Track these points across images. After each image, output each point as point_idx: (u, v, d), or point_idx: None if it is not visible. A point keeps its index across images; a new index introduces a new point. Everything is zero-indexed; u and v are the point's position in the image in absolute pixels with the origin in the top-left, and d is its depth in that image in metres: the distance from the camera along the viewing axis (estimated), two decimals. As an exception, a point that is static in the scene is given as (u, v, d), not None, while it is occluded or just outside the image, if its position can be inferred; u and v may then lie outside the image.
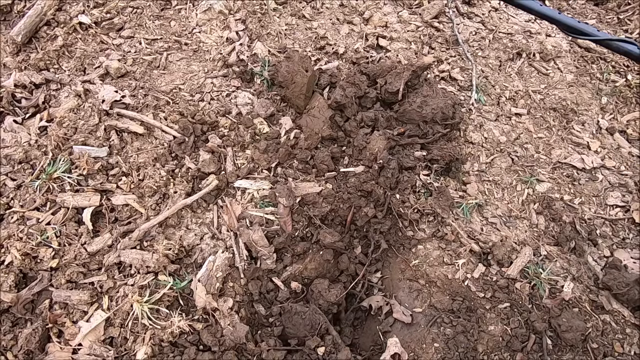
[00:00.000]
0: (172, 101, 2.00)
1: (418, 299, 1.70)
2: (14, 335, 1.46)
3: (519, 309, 1.66)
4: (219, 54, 2.17)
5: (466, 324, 1.62)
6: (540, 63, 2.46)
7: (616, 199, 1.98)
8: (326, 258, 1.74)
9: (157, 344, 1.48)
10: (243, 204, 1.79)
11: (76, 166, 1.75)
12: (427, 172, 1.94)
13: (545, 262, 1.79)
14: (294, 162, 1.92)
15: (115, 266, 1.61)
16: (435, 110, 1.99)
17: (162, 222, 1.69)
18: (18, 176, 1.75)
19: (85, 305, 1.52)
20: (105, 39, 2.19)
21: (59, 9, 2.24)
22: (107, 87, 1.95)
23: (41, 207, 1.69)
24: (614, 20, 2.71)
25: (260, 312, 1.65)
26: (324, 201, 1.78)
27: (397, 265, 1.79)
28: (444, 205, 1.85)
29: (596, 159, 2.09)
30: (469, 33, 2.51)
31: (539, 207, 1.94)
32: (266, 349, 1.51)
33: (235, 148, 1.93)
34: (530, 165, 2.06)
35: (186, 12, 2.34)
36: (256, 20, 2.32)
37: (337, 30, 2.41)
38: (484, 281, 1.72)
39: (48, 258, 1.58)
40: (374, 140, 1.89)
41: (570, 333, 1.59)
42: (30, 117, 1.92)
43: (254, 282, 1.67)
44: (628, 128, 2.23)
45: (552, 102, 2.29)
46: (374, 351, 1.68)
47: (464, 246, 1.79)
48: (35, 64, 2.06)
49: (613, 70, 2.47)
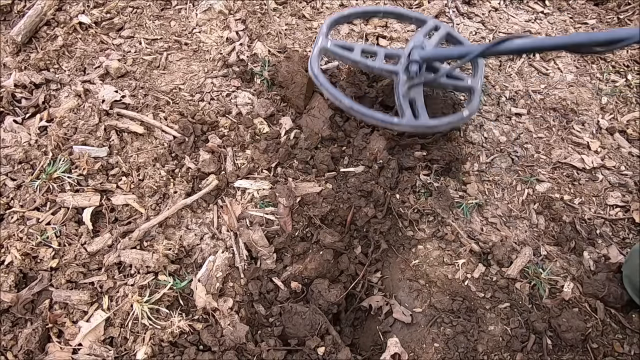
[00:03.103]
0: (172, 101, 2.00)
1: (418, 299, 1.70)
2: (14, 335, 1.46)
3: (519, 309, 1.66)
4: (219, 54, 2.17)
5: (466, 324, 1.62)
6: (540, 63, 2.46)
7: (616, 199, 1.98)
8: (326, 258, 1.74)
9: (157, 344, 1.48)
10: (243, 204, 1.79)
11: (76, 166, 1.76)
12: (427, 172, 1.94)
13: (545, 262, 1.79)
14: (294, 162, 1.92)
15: (115, 266, 1.61)
16: (435, 110, 1.99)
17: (162, 222, 1.69)
18: (18, 176, 1.75)
19: (85, 305, 1.52)
20: (105, 39, 2.19)
21: (59, 9, 2.24)
22: (107, 87, 1.95)
23: (41, 207, 1.69)
24: (614, 20, 2.71)
25: (260, 312, 1.65)
26: (324, 201, 1.78)
27: (397, 265, 1.79)
28: (444, 205, 1.85)
29: (596, 159, 2.09)
30: (469, 33, 2.51)
31: (539, 207, 1.94)
32: (266, 349, 1.51)
33: (235, 148, 1.93)
34: (530, 165, 2.06)
35: (186, 12, 2.34)
36: (256, 20, 2.32)
37: (337, 30, 2.41)
38: (484, 281, 1.72)
39: (48, 258, 1.58)
40: (374, 140, 1.90)
41: (570, 333, 1.59)
42: (30, 117, 1.92)
43: (254, 282, 1.67)
44: (628, 128, 2.23)
45: (552, 102, 2.29)
46: (374, 351, 1.67)
47: (464, 246, 1.79)
48: (35, 64, 2.06)
49: (613, 70, 2.47)
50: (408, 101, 1.54)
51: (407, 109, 1.51)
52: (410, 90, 1.53)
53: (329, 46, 1.65)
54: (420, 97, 1.56)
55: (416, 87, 1.54)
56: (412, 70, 1.48)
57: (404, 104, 1.52)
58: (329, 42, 1.66)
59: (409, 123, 1.51)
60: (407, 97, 1.53)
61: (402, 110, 1.52)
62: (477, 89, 1.65)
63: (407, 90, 1.50)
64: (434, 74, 1.57)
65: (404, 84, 1.51)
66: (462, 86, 1.67)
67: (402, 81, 1.50)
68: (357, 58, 1.64)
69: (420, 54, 1.47)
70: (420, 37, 1.60)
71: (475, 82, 1.67)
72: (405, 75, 1.51)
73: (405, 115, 1.52)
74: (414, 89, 1.54)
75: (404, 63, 1.51)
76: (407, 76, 1.51)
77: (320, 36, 1.67)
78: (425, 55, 1.47)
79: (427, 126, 1.52)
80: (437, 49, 1.55)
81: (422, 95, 1.56)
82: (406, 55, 1.54)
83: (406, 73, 1.51)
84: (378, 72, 1.68)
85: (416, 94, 1.55)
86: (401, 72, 1.52)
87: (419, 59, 1.47)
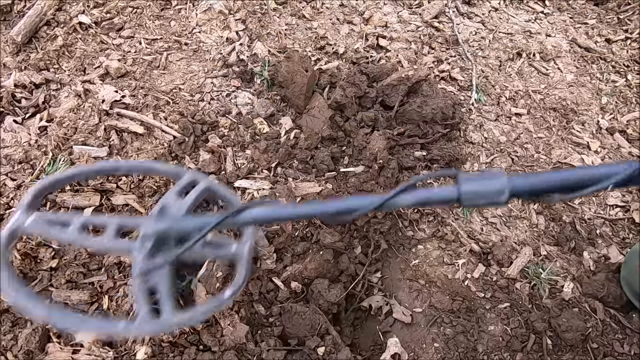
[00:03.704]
0: (172, 101, 2.00)
1: (418, 299, 1.70)
2: (14, 335, 1.46)
3: (519, 309, 1.66)
4: (219, 54, 2.17)
5: (466, 324, 1.62)
6: (540, 63, 2.46)
7: (616, 199, 1.98)
8: (326, 258, 1.74)
9: (157, 344, 1.48)
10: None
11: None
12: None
13: (545, 262, 1.79)
14: (294, 162, 1.92)
15: (115, 266, 1.61)
16: (435, 110, 1.99)
17: (162, 222, 1.68)
18: (18, 176, 1.75)
19: (85, 305, 1.52)
20: (105, 39, 2.19)
21: (59, 9, 2.24)
22: (107, 87, 1.95)
23: (41, 207, 1.69)
24: (614, 20, 2.71)
25: (260, 312, 1.65)
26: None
27: (397, 265, 1.79)
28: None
29: (596, 159, 2.09)
30: (469, 33, 2.51)
31: (539, 207, 1.94)
32: (266, 349, 1.51)
33: (235, 148, 1.93)
34: (530, 165, 2.06)
35: (186, 12, 2.34)
36: (256, 20, 2.32)
37: (337, 30, 2.41)
38: (484, 281, 1.72)
39: (48, 258, 1.58)
40: (374, 140, 1.89)
41: (570, 333, 1.58)
42: (30, 117, 1.92)
43: (254, 282, 1.67)
44: (628, 128, 2.23)
45: (552, 102, 2.29)
46: (374, 351, 1.67)
47: (464, 246, 1.79)
48: (35, 64, 2.06)
49: (613, 70, 2.47)
50: (146, 292, 1.07)
51: (142, 306, 1.02)
52: (150, 276, 1.07)
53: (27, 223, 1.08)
54: (164, 283, 1.08)
55: (158, 270, 1.09)
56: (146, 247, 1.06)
57: (139, 299, 1.04)
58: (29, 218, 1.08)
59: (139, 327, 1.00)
60: (145, 286, 1.07)
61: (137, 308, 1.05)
62: (244, 256, 1.18)
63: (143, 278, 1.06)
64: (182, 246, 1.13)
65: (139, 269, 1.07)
66: (225, 254, 1.18)
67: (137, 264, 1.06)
68: (71, 237, 1.10)
69: (153, 227, 1.08)
70: (171, 196, 1.19)
71: (241, 248, 1.19)
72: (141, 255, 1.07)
73: (139, 314, 1.03)
74: (155, 273, 1.09)
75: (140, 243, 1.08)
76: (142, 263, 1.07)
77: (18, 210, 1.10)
78: (162, 230, 1.09)
79: (171, 325, 1.03)
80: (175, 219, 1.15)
81: (168, 280, 1.08)
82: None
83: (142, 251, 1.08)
84: (106, 252, 1.38)
85: (160, 279, 1.09)
86: (136, 251, 1.07)
87: (151, 233, 1.07)
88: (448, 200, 0.97)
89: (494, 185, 0.95)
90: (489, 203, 0.94)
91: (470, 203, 0.95)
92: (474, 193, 0.95)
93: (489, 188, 0.95)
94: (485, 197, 0.93)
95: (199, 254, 1.21)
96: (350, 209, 0.99)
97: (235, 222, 1.06)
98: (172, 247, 1.13)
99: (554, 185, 0.91)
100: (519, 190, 0.95)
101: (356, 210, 1.00)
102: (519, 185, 0.94)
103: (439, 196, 0.96)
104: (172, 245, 1.13)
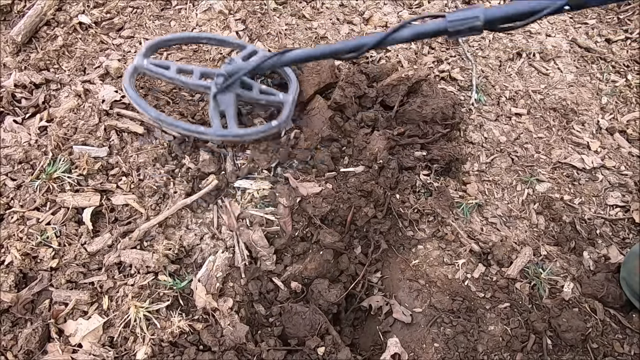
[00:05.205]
0: (172, 101, 2.00)
1: (418, 299, 1.70)
2: (14, 335, 1.46)
3: (519, 309, 1.66)
4: (219, 54, 2.17)
5: (466, 324, 1.62)
6: (540, 63, 2.46)
7: (616, 199, 1.98)
8: (326, 258, 1.74)
9: (157, 344, 1.48)
10: (243, 204, 1.79)
11: (76, 166, 1.75)
12: (427, 172, 1.94)
13: (545, 262, 1.79)
14: (294, 162, 1.92)
15: (115, 266, 1.61)
16: (435, 110, 1.99)
17: (162, 222, 1.69)
18: (18, 176, 1.75)
19: (85, 305, 1.52)
20: (105, 39, 2.19)
21: (59, 9, 2.24)
22: (107, 87, 1.95)
23: (41, 207, 1.69)
24: (614, 21, 2.72)
25: (260, 312, 1.65)
26: (324, 201, 1.78)
27: (397, 265, 1.79)
28: (444, 205, 1.85)
29: (596, 159, 2.09)
30: (469, 33, 2.51)
31: (539, 207, 1.94)
32: (266, 349, 1.51)
33: (235, 148, 1.93)
34: (530, 165, 2.06)
35: (186, 12, 2.34)
36: (256, 20, 2.32)
37: (337, 30, 2.41)
38: (484, 281, 1.72)
39: (48, 258, 1.58)
40: (374, 140, 1.90)
41: (570, 333, 1.59)
42: (30, 117, 1.92)
43: (254, 282, 1.68)
44: (628, 128, 2.23)
45: (552, 102, 2.29)
46: (374, 351, 1.68)
47: (464, 246, 1.79)
48: (35, 64, 2.06)
49: (613, 70, 2.47)
50: (218, 113, 1.68)
51: (215, 120, 1.66)
52: (220, 102, 1.67)
53: (144, 64, 1.77)
54: (231, 109, 1.68)
55: (226, 98, 1.67)
56: (218, 82, 1.64)
57: (213, 115, 1.67)
58: (145, 61, 1.78)
59: (215, 133, 1.64)
60: (217, 109, 1.67)
61: (212, 121, 1.67)
62: (289, 102, 1.78)
63: (216, 102, 1.66)
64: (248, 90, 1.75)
65: (214, 93, 1.66)
66: (274, 101, 1.80)
67: (212, 94, 1.66)
68: (171, 75, 1.76)
69: (226, 68, 1.65)
70: (238, 59, 1.76)
71: (287, 96, 1.80)
72: (215, 89, 1.66)
73: (213, 125, 1.66)
74: (224, 101, 1.67)
75: (215, 79, 1.67)
76: (216, 89, 1.65)
77: (137, 56, 1.80)
78: (230, 70, 1.64)
79: (235, 135, 1.65)
80: (239, 63, 1.70)
81: (234, 107, 1.68)
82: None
83: (216, 87, 1.66)
84: (193, 88, 1.79)
85: (227, 106, 1.68)
86: (213, 87, 1.67)
87: (224, 72, 1.64)
88: (438, 31, 1.28)
89: (472, 12, 1.20)
90: (468, 28, 1.22)
91: (454, 30, 1.24)
92: (457, 21, 1.21)
93: (468, 14, 1.20)
94: (465, 22, 1.19)
95: (256, 96, 1.78)
96: (361, 44, 1.39)
97: (282, 61, 1.57)
98: (238, 87, 1.70)
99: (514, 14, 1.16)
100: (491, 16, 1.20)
101: (365, 44, 1.38)
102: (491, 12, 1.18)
103: (431, 28, 1.27)
104: (237, 86, 1.69)
